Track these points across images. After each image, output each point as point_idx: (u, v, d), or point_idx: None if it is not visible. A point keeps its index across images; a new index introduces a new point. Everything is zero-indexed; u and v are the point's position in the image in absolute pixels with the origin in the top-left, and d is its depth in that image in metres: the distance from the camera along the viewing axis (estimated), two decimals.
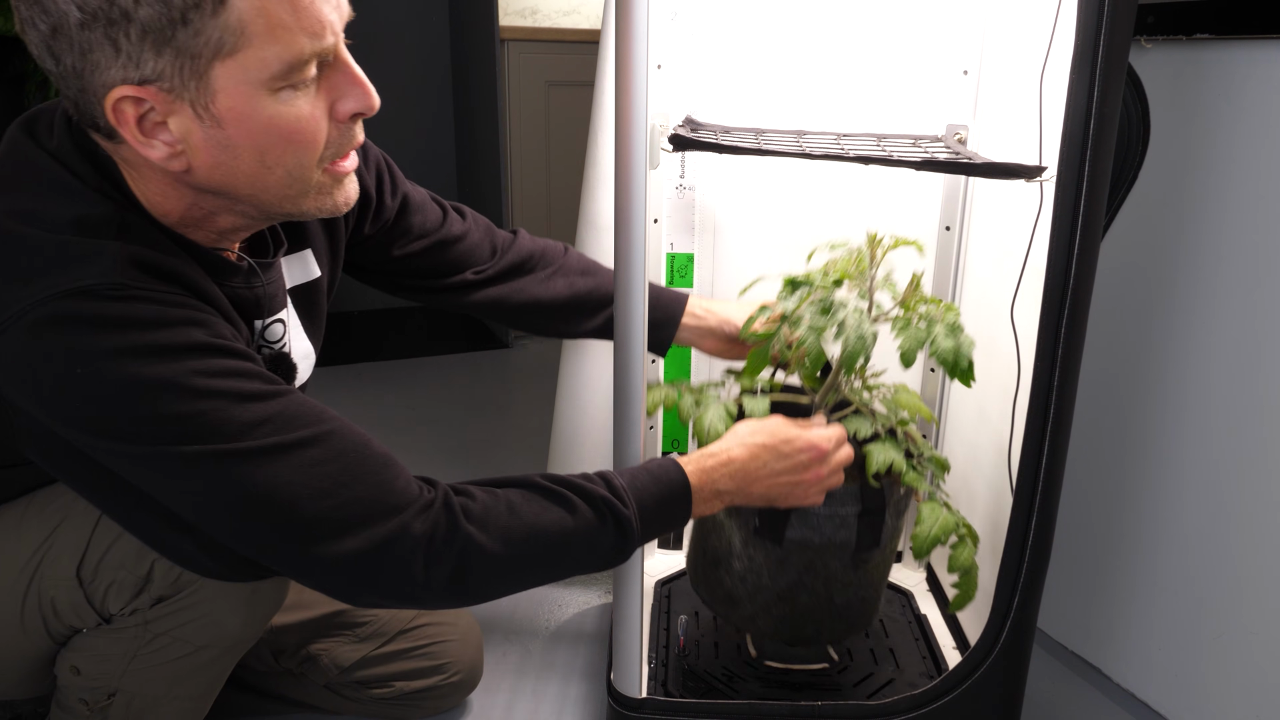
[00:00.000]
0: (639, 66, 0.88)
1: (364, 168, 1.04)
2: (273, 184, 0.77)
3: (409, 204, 1.10)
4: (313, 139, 0.76)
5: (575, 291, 1.17)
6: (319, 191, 0.80)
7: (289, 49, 0.70)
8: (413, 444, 2.14)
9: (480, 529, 0.81)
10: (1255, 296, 1.08)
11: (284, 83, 0.72)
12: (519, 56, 2.62)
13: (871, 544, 1.05)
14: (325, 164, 0.79)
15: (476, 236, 1.16)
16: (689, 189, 1.36)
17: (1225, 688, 1.15)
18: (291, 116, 0.74)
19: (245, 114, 0.72)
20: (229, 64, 0.70)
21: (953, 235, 1.31)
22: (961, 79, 1.25)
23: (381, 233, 1.08)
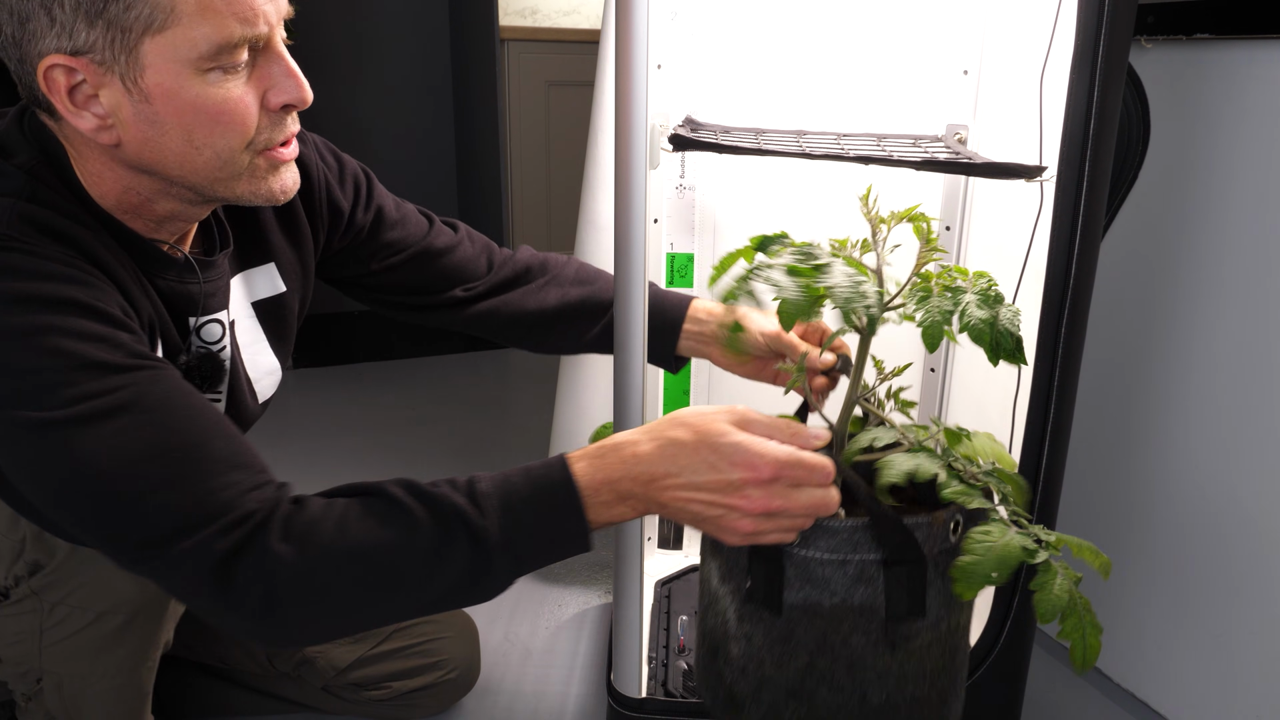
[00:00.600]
0: (639, 66, 0.88)
1: (337, 180, 1.04)
2: (201, 165, 0.78)
3: (384, 217, 1.08)
4: (240, 123, 0.76)
5: (566, 301, 1.12)
6: (252, 175, 0.80)
7: (218, 31, 0.72)
8: (413, 444, 2.14)
9: (297, 548, 0.70)
10: (1255, 296, 1.08)
11: (212, 64, 0.73)
12: (519, 56, 2.62)
13: (910, 608, 0.76)
14: (258, 150, 0.79)
15: (468, 251, 1.12)
16: (689, 189, 1.36)
17: (1225, 688, 1.15)
18: (218, 98, 0.75)
19: (172, 91, 0.73)
20: (158, 40, 0.71)
21: (953, 235, 1.31)
22: (961, 79, 1.25)
23: (355, 245, 1.07)
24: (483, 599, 0.75)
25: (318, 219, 1.03)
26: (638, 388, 0.98)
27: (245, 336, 0.99)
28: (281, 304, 1.00)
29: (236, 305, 0.98)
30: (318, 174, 1.02)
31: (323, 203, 1.03)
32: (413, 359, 2.76)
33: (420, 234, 1.11)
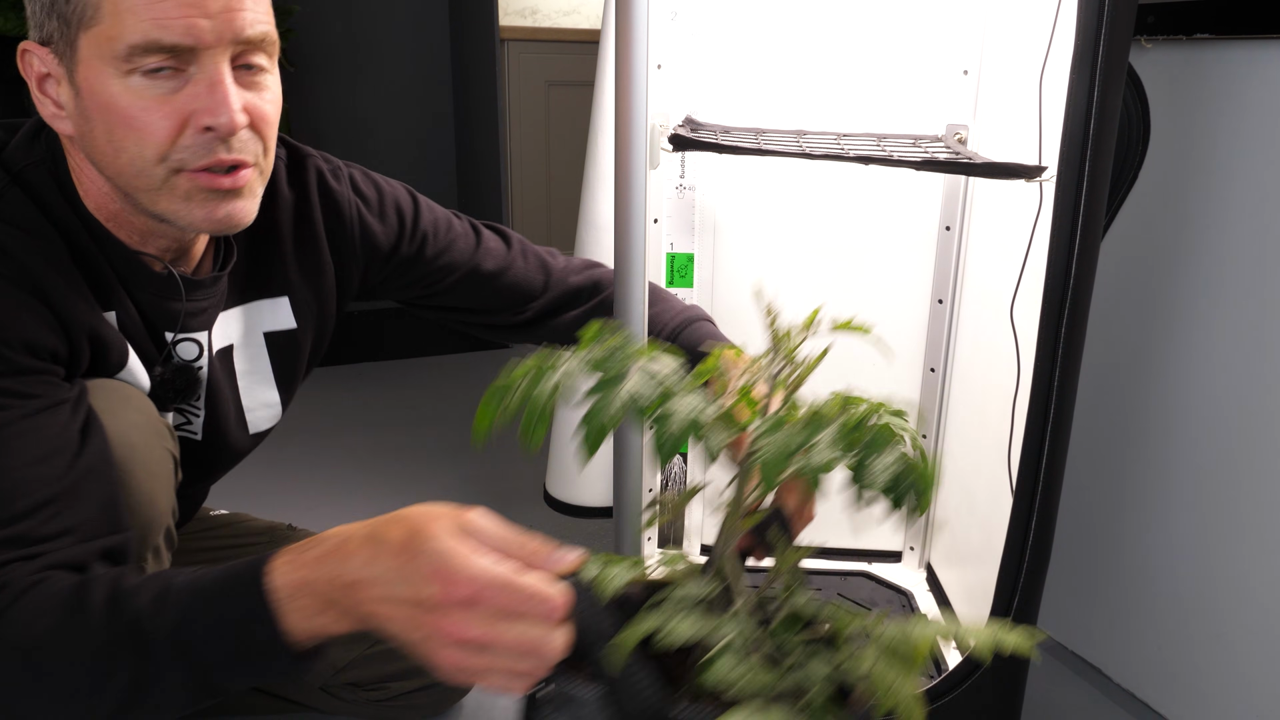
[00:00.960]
0: (639, 66, 0.88)
1: (375, 213, 1.03)
2: (122, 167, 0.78)
3: (429, 243, 1.06)
4: (147, 131, 0.76)
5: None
6: (171, 193, 0.79)
7: (132, 31, 0.73)
8: (413, 444, 2.14)
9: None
10: (1255, 296, 1.08)
11: (129, 66, 0.74)
12: (519, 56, 2.62)
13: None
14: (174, 165, 0.78)
15: (520, 272, 1.10)
16: (689, 189, 1.36)
17: (1225, 688, 1.15)
18: (129, 102, 0.75)
19: (95, 88, 0.76)
20: (88, 35, 0.74)
21: (953, 235, 1.31)
22: (961, 79, 1.25)
23: (401, 272, 1.07)
24: (171, 717, 0.65)
25: (350, 256, 1.02)
26: None
27: (245, 365, 0.99)
28: (291, 340, 1.01)
29: (241, 332, 0.98)
30: (349, 211, 1.01)
31: (356, 239, 1.02)
32: (412, 359, 2.76)
33: (465, 257, 1.09)
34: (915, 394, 1.40)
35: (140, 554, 0.84)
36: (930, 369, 1.38)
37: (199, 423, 0.97)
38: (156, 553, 0.86)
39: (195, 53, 0.75)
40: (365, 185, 1.04)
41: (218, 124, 0.77)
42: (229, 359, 0.98)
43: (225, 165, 0.80)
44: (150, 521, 0.83)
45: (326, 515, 1.80)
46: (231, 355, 0.98)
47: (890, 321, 1.37)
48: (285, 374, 1.02)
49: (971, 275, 1.30)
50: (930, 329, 1.36)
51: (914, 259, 1.34)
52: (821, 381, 1.50)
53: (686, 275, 1.39)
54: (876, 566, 1.45)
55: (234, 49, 0.78)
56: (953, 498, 1.36)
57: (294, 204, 0.98)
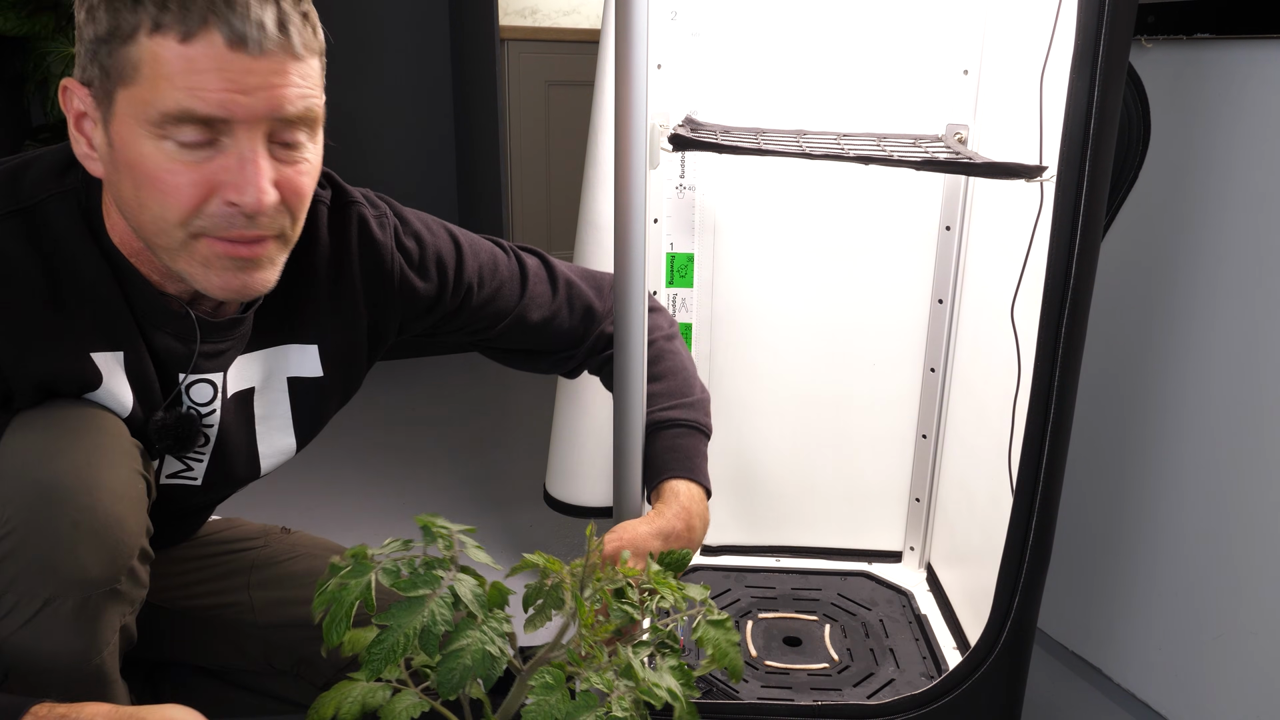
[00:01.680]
0: (639, 66, 0.88)
1: (416, 267, 1.01)
2: (145, 222, 0.79)
3: (472, 295, 1.05)
4: (172, 195, 0.76)
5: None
6: (190, 256, 0.79)
7: (167, 99, 0.73)
8: (413, 444, 2.14)
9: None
10: (1255, 296, 1.08)
11: (162, 131, 0.74)
12: (519, 56, 2.63)
13: None
14: (195, 231, 0.78)
15: (561, 324, 1.09)
16: (689, 189, 1.36)
17: (1225, 688, 1.15)
18: (156, 164, 0.75)
19: (127, 143, 0.76)
20: (127, 93, 0.75)
21: (953, 235, 1.31)
22: (961, 79, 1.25)
23: (441, 324, 1.06)
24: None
25: (388, 309, 1.00)
26: (638, 387, 0.98)
27: (264, 409, 0.99)
28: (316, 389, 1.00)
29: (264, 377, 0.98)
30: (391, 264, 0.99)
31: (396, 294, 1.00)
32: (412, 359, 2.76)
33: (509, 306, 1.07)
34: (915, 394, 1.40)
35: (113, 578, 0.83)
36: (930, 369, 1.38)
37: (200, 469, 0.97)
38: (131, 574, 0.85)
39: (230, 125, 0.75)
40: (408, 238, 1.01)
41: (243, 202, 0.77)
42: (248, 402, 0.97)
43: (246, 239, 0.79)
44: (118, 543, 0.83)
45: (326, 515, 1.81)
46: (251, 399, 0.98)
47: (890, 321, 1.37)
48: (305, 421, 1.01)
49: (971, 275, 1.30)
50: (930, 329, 1.36)
51: (914, 259, 1.34)
52: (822, 382, 1.51)
53: (686, 275, 1.39)
54: (876, 566, 1.45)
55: (272, 125, 0.77)
56: (953, 498, 1.36)
57: (332, 252, 0.96)
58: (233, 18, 0.72)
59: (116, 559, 0.83)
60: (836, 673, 1.19)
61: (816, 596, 1.37)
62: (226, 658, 1.15)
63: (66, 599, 0.82)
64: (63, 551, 0.80)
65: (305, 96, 0.78)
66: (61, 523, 0.79)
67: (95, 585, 0.82)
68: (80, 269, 0.83)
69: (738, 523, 1.49)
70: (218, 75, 0.73)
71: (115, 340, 0.86)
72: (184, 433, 0.91)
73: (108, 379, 0.86)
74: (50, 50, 2.02)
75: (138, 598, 0.89)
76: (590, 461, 1.50)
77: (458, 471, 2.01)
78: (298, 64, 0.77)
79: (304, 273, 0.95)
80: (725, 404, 1.44)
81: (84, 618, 0.83)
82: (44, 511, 0.79)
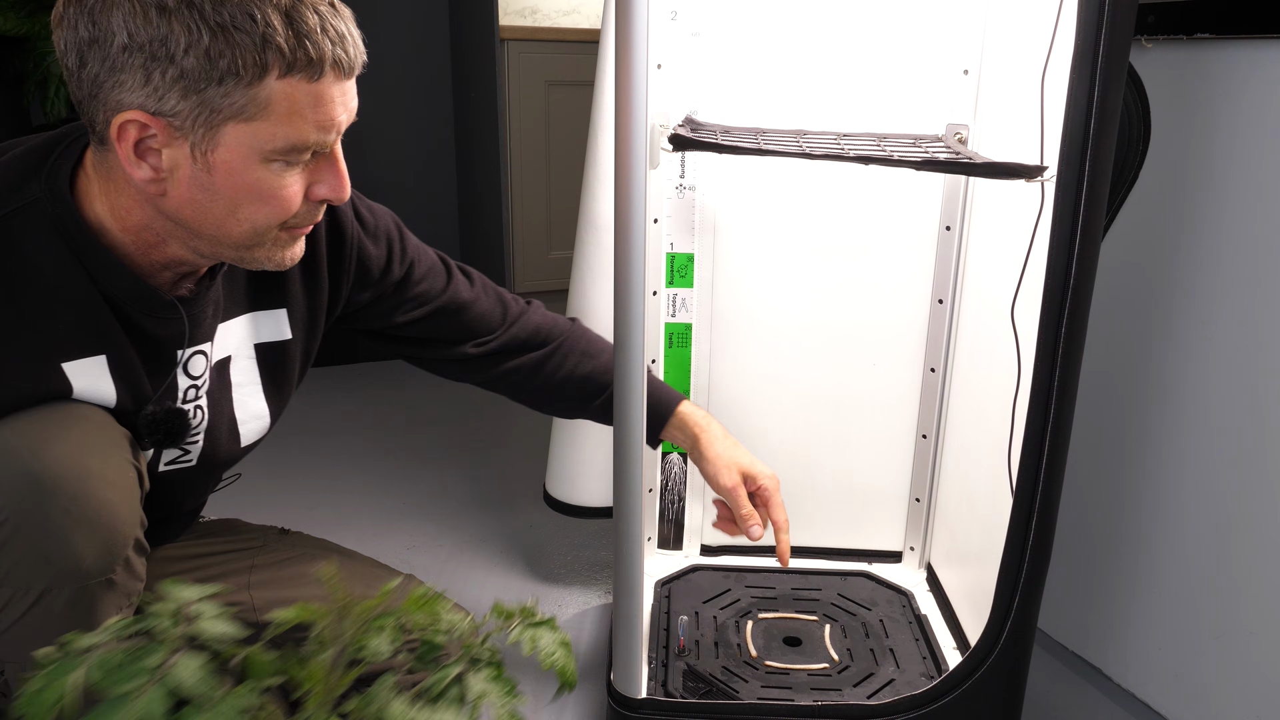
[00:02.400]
0: (639, 66, 0.88)
1: (370, 235, 1.07)
2: (236, 234, 0.84)
3: (413, 270, 1.11)
4: (285, 208, 0.83)
5: (574, 375, 1.18)
6: (273, 245, 0.86)
7: (297, 133, 0.79)
8: (412, 444, 2.14)
9: None
10: (1255, 296, 1.08)
11: (281, 158, 0.80)
12: (519, 56, 2.62)
13: None
14: (288, 228, 0.86)
15: (484, 306, 1.16)
16: (689, 189, 1.36)
17: (1225, 688, 1.15)
18: (273, 185, 0.81)
19: (236, 170, 0.80)
20: (241, 127, 0.78)
21: (953, 235, 1.31)
22: (961, 79, 1.25)
23: (382, 297, 1.10)
24: None
25: (344, 274, 1.05)
26: (638, 387, 0.98)
27: (240, 376, 1.00)
28: (284, 351, 1.03)
29: (238, 344, 0.99)
30: (351, 231, 1.05)
31: (352, 260, 1.06)
32: None
33: (441, 286, 1.14)
34: (915, 394, 1.40)
35: (108, 567, 0.83)
36: (930, 369, 1.38)
37: (196, 451, 0.98)
38: (127, 565, 0.86)
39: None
40: (362, 208, 1.08)
41: (337, 199, 0.86)
42: (226, 370, 0.99)
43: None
44: (112, 531, 0.83)
45: (326, 515, 1.81)
46: (229, 366, 0.99)
47: (890, 321, 1.37)
48: (276, 384, 1.03)
49: (971, 275, 1.30)
50: (930, 329, 1.36)
51: (914, 259, 1.34)
52: (822, 382, 1.51)
53: (686, 275, 1.39)
54: (876, 566, 1.46)
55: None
56: (953, 498, 1.37)
57: None
58: (342, 52, 0.80)
59: (111, 547, 0.83)
60: (836, 673, 1.19)
61: (816, 596, 1.37)
62: None
63: (62, 590, 0.82)
64: (57, 541, 0.80)
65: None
66: (54, 512, 0.79)
67: (90, 575, 0.83)
68: (51, 281, 0.83)
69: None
70: (337, 105, 0.81)
71: (96, 344, 0.87)
72: (174, 427, 0.92)
73: (83, 386, 0.86)
74: (50, 50, 2.02)
75: (134, 590, 0.89)
76: (590, 461, 1.51)
77: (458, 471, 2.01)
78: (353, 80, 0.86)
79: None
80: (725, 404, 1.44)
81: (80, 609, 0.83)
82: (35, 502, 0.79)
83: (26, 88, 2.07)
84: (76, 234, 0.84)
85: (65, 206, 0.84)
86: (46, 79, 2.03)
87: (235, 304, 0.98)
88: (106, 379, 0.88)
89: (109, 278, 0.86)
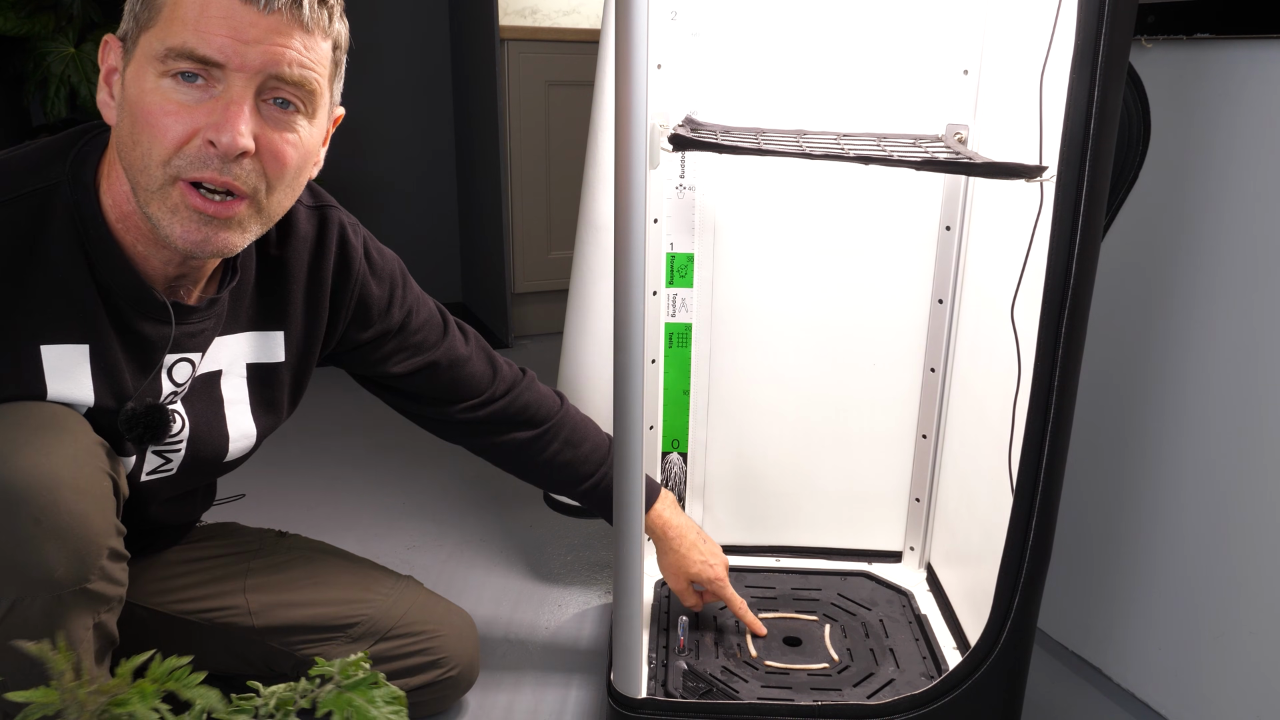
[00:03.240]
0: (639, 66, 0.88)
1: (374, 275, 1.07)
2: (134, 160, 0.82)
3: (411, 318, 1.12)
4: (159, 131, 0.80)
5: (553, 461, 1.21)
6: (164, 201, 0.82)
7: (175, 36, 0.78)
8: (413, 444, 2.14)
9: None
10: (1255, 296, 1.08)
11: (164, 68, 0.79)
12: (519, 56, 2.62)
13: None
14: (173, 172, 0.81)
15: (476, 367, 1.17)
16: (689, 189, 1.36)
17: (1225, 688, 1.15)
18: (153, 100, 0.79)
19: (134, 80, 0.81)
20: (147, 35, 0.80)
21: (953, 235, 1.31)
22: (961, 79, 1.25)
23: (379, 341, 1.10)
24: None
25: (344, 308, 1.06)
26: (638, 388, 0.98)
27: (231, 392, 1.01)
28: (274, 374, 1.03)
29: (231, 359, 1.00)
30: (358, 267, 1.06)
31: (354, 295, 1.06)
32: None
33: (436, 339, 1.14)
34: (915, 394, 1.40)
35: (83, 575, 0.83)
36: (930, 369, 1.38)
37: (177, 460, 0.98)
38: (104, 574, 0.85)
39: (225, 71, 0.79)
40: (372, 249, 1.08)
41: (219, 140, 0.79)
42: (215, 385, 0.99)
43: (216, 185, 0.81)
44: (84, 540, 0.82)
45: (326, 515, 1.81)
46: (218, 381, 0.99)
47: (890, 321, 1.37)
48: (265, 406, 1.04)
49: (971, 275, 1.30)
50: (930, 329, 1.36)
51: (914, 259, 1.34)
52: (822, 382, 1.51)
53: (686, 275, 1.39)
54: (876, 566, 1.46)
55: (267, 80, 0.81)
56: (953, 498, 1.36)
57: (313, 246, 1.02)
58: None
59: (84, 557, 0.83)
60: (836, 673, 1.19)
61: (816, 596, 1.37)
62: (226, 664, 1.15)
63: (34, 599, 0.81)
64: (27, 551, 0.79)
65: (304, 66, 0.82)
66: (24, 521, 0.79)
67: (63, 584, 0.82)
68: (51, 263, 0.84)
69: (738, 523, 1.49)
70: (224, 22, 0.78)
71: (80, 333, 0.86)
72: (154, 422, 0.92)
73: (59, 376, 0.86)
74: (50, 50, 2.02)
75: (113, 595, 0.88)
76: None
77: (458, 472, 2.01)
78: (304, 35, 0.82)
79: (284, 262, 1.00)
80: (725, 404, 1.44)
81: (54, 618, 0.83)
82: (4, 511, 0.78)
83: (27, 88, 2.06)
84: (89, 222, 0.85)
85: (84, 193, 0.85)
86: (46, 79, 2.03)
87: (236, 321, 0.98)
88: (85, 372, 0.87)
89: (109, 269, 0.86)
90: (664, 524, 1.25)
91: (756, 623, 1.26)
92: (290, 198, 0.89)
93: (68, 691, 0.55)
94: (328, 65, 0.87)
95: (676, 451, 1.46)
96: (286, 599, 1.17)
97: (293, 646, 1.16)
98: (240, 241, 0.85)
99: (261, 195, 0.84)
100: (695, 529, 1.28)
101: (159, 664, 0.57)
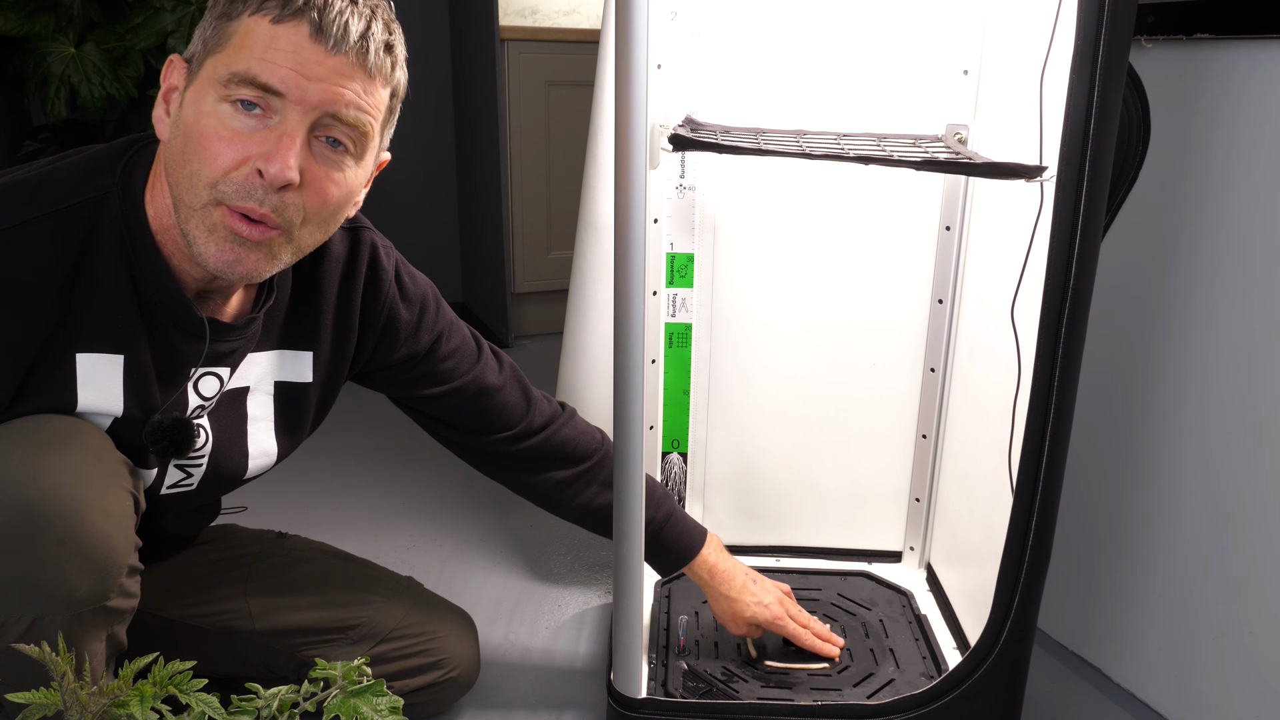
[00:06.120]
0: (639, 66, 0.88)
1: (404, 299, 1.07)
2: (182, 178, 0.82)
3: (440, 345, 1.11)
4: (211, 154, 0.80)
5: (590, 504, 1.19)
6: (203, 221, 0.82)
7: (240, 61, 0.80)
8: (413, 444, 2.14)
9: None
10: (1255, 296, 1.08)
11: (226, 92, 0.80)
12: (519, 56, 2.62)
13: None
14: (218, 196, 0.81)
15: (509, 396, 1.15)
16: (689, 189, 1.36)
17: (1225, 688, 1.15)
18: (210, 124, 0.80)
19: (194, 101, 0.82)
20: (214, 59, 0.82)
21: (953, 235, 1.31)
22: (961, 79, 1.25)
23: (409, 363, 1.10)
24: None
25: (371, 332, 1.06)
26: (638, 387, 0.98)
27: (256, 410, 1.01)
28: (301, 394, 1.03)
29: (259, 377, 1.00)
30: (388, 290, 1.05)
31: (383, 317, 1.06)
32: None
33: (468, 366, 1.13)
34: (915, 394, 1.40)
35: (104, 594, 0.83)
36: (930, 369, 1.38)
37: (198, 474, 0.98)
38: (123, 591, 0.86)
39: (284, 102, 0.80)
40: (404, 274, 1.08)
41: (267, 170, 0.80)
42: (241, 401, 0.99)
43: (255, 216, 0.82)
44: (107, 561, 0.83)
45: (326, 515, 1.81)
46: (245, 398, 0.99)
47: (890, 321, 1.37)
48: (289, 426, 1.04)
49: (971, 275, 1.30)
50: (930, 329, 1.36)
51: (914, 259, 1.34)
52: (822, 382, 1.51)
53: (686, 275, 1.39)
54: (876, 566, 1.46)
55: (322, 117, 0.82)
56: (953, 498, 1.37)
57: (345, 267, 1.02)
58: (323, 15, 0.80)
59: (106, 577, 0.83)
60: (836, 673, 1.19)
61: (816, 596, 1.37)
62: (227, 667, 1.15)
63: (54, 617, 0.82)
64: (50, 571, 0.80)
65: (361, 109, 0.84)
66: (48, 542, 0.79)
67: (84, 604, 0.83)
68: (97, 273, 0.84)
69: (738, 523, 1.49)
70: (291, 55, 0.79)
71: (117, 343, 0.87)
72: (179, 436, 0.92)
73: (91, 387, 0.86)
74: (50, 50, 2.02)
75: (127, 609, 0.89)
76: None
77: (458, 472, 2.01)
78: (366, 79, 0.83)
79: (316, 282, 1.00)
80: (725, 404, 1.44)
81: (72, 635, 0.83)
82: (30, 531, 0.78)
83: (27, 88, 2.06)
84: (136, 234, 0.86)
85: (133, 204, 0.86)
86: (47, 79, 2.03)
87: (267, 338, 0.99)
88: (117, 382, 0.88)
89: (153, 282, 0.87)
90: (710, 569, 1.22)
91: (825, 646, 1.22)
92: (324, 234, 0.89)
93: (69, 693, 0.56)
94: (383, 111, 0.88)
95: (676, 451, 1.46)
96: (287, 601, 1.17)
97: (293, 648, 1.16)
98: (268, 269, 0.86)
99: (296, 228, 0.85)
100: (744, 569, 1.24)
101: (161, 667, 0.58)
